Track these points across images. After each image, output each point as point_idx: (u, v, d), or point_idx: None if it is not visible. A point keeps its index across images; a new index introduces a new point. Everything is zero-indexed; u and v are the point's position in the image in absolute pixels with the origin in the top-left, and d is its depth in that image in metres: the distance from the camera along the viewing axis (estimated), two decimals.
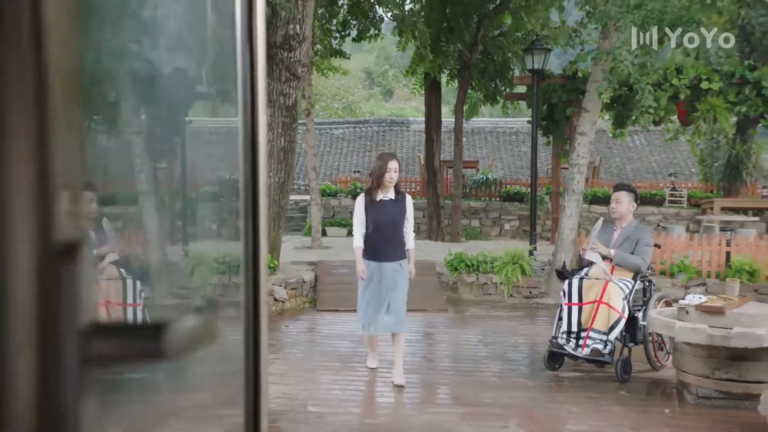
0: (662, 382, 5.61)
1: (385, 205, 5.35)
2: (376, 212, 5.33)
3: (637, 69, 7.75)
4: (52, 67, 0.51)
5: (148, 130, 1.82)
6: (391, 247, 5.34)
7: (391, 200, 5.36)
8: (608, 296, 5.57)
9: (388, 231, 5.32)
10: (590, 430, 4.52)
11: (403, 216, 5.39)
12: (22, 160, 0.49)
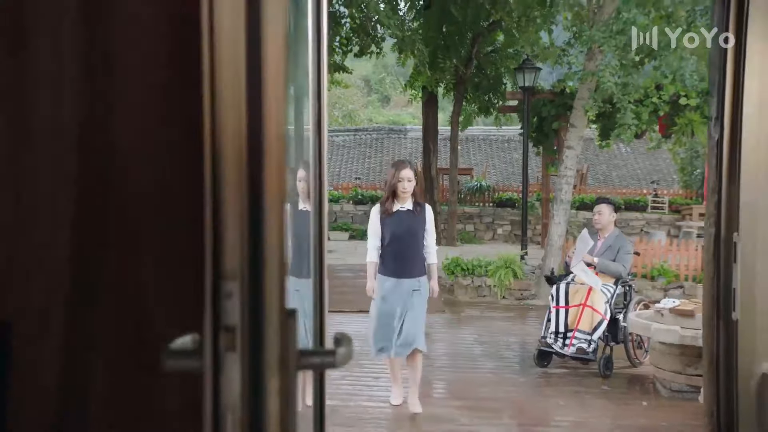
0: (641, 377, 6.19)
1: (401, 217, 4.88)
2: (392, 224, 4.87)
3: (619, 89, 8.37)
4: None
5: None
6: (410, 262, 4.87)
7: (408, 211, 4.90)
8: (592, 300, 6.16)
9: (406, 244, 4.87)
10: (576, 421, 5.07)
11: (422, 228, 4.91)
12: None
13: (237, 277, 0.75)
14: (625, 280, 6.44)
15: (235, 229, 0.74)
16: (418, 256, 4.92)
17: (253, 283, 0.74)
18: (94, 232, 1.11)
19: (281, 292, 0.75)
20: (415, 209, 4.92)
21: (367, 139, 23.03)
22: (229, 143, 0.76)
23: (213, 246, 0.75)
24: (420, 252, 4.93)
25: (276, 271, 0.74)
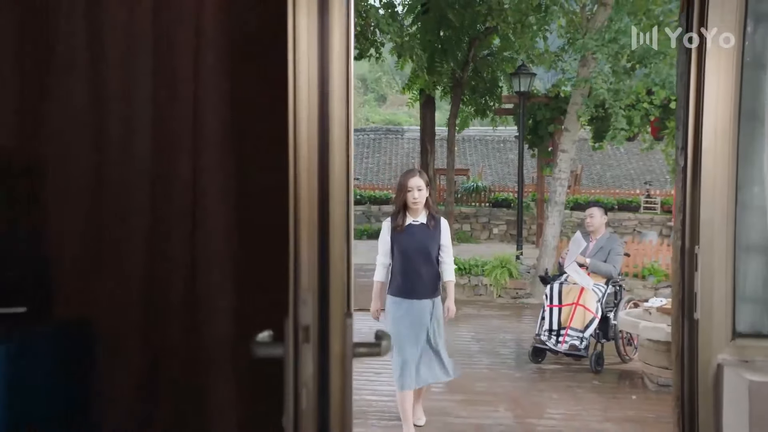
0: (630, 372, 6.49)
1: (414, 232, 4.45)
2: (404, 240, 4.43)
3: (611, 95, 8.67)
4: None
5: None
6: (423, 281, 4.42)
7: (421, 225, 4.46)
8: (584, 299, 6.47)
9: (419, 262, 4.40)
10: (568, 413, 5.36)
11: (436, 243, 4.48)
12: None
13: (310, 289, 1.03)
14: (616, 280, 6.74)
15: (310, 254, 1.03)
16: (433, 274, 4.48)
17: (321, 293, 1.02)
18: (208, 252, 1.44)
19: (342, 300, 1.03)
20: (428, 223, 4.46)
21: (364, 139, 23.32)
22: (305, 191, 1.05)
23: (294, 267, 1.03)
24: (434, 270, 4.49)
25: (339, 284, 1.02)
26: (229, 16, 1.72)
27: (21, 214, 1.64)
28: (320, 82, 1.29)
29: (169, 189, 1.70)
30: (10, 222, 1.62)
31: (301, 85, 1.28)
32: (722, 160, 1.79)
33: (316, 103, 1.18)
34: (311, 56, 1.27)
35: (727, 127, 1.77)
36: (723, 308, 1.80)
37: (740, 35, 1.76)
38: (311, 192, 1.04)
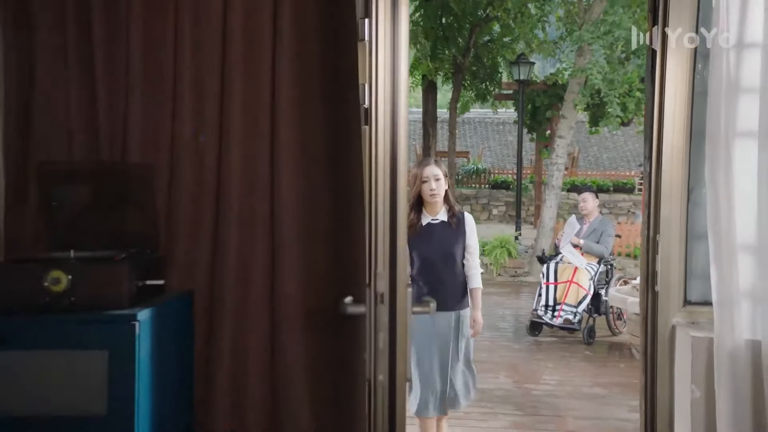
0: (619, 344, 7.08)
1: (434, 232, 3.71)
2: (422, 243, 3.69)
3: (606, 84, 9.18)
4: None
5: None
6: (445, 290, 3.68)
7: (442, 224, 3.72)
8: (578, 277, 7.05)
9: (442, 269, 3.70)
10: (562, 379, 5.94)
11: (461, 245, 3.74)
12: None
13: (384, 267, 1.57)
14: (607, 260, 7.31)
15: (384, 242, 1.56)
16: (458, 281, 3.74)
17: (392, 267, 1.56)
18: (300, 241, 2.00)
19: (404, 275, 1.57)
20: (450, 220, 3.73)
21: None
22: (381, 191, 1.58)
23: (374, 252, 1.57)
24: (460, 276, 3.75)
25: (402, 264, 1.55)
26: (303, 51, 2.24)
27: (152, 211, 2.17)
28: (392, 100, 1.81)
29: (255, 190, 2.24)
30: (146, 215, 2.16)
31: (379, 108, 1.80)
32: (677, 168, 2.31)
33: (389, 125, 1.69)
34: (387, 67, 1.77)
35: (680, 144, 2.30)
36: (677, 283, 2.34)
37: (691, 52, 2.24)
38: (385, 192, 1.58)
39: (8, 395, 1.81)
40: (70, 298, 1.84)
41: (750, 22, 2.12)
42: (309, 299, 2.22)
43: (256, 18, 2.24)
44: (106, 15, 2.23)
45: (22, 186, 2.23)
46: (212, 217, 2.27)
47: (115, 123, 2.25)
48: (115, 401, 1.81)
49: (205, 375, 2.25)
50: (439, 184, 3.68)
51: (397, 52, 1.73)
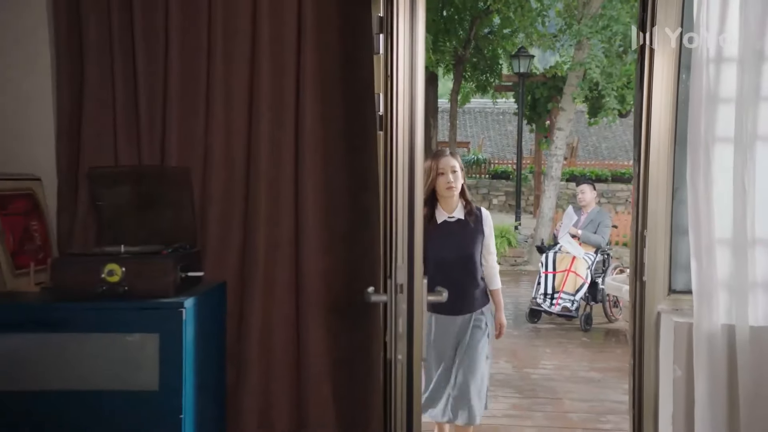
0: (615, 330, 7.35)
1: (450, 231, 3.47)
2: (437, 242, 3.40)
3: (604, 78, 9.41)
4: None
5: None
6: (462, 292, 3.45)
7: (458, 222, 3.48)
8: (575, 266, 7.32)
9: (458, 272, 3.44)
10: (559, 364, 6.20)
11: (479, 245, 3.51)
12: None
13: (403, 261, 1.81)
14: (604, 250, 7.57)
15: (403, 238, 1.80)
16: (475, 283, 3.51)
17: (410, 260, 1.80)
18: (329, 236, 2.27)
19: (420, 268, 1.81)
20: (467, 218, 3.49)
21: None
22: (401, 188, 1.82)
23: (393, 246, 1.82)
24: (477, 279, 3.52)
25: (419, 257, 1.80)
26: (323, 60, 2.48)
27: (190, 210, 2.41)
28: (410, 101, 2.04)
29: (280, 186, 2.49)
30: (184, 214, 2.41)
31: (399, 113, 2.03)
32: (662, 170, 2.55)
33: (407, 129, 1.92)
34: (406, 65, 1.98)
35: (666, 148, 2.54)
36: (662, 273, 2.58)
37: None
38: (403, 193, 1.82)
39: (72, 372, 2.06)
40: (124, 288, 2.09)
41: (727, 40, 2.36)
42: (329, 289, 2.47)
43: (282, 33, 2.47)
44: (145, 32, 2.46)
45: (73, 188, 2.47)
46: (241, 215, 2.51)
47: (154, 129, 2.49)
48: (166, 378, 2.06)
49: (237, 356, 2.50)
50: (456, 177, 3.44)
51: (414, 63, 1.94)
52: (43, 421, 2.07)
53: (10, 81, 2.51)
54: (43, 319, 2.07)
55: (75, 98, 2.49)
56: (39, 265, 2.29)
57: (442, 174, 3.46)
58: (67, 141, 2.48)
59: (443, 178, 3.45)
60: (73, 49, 2.48)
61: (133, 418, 2.06)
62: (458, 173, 3.47)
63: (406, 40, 1.88)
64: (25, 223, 2.31)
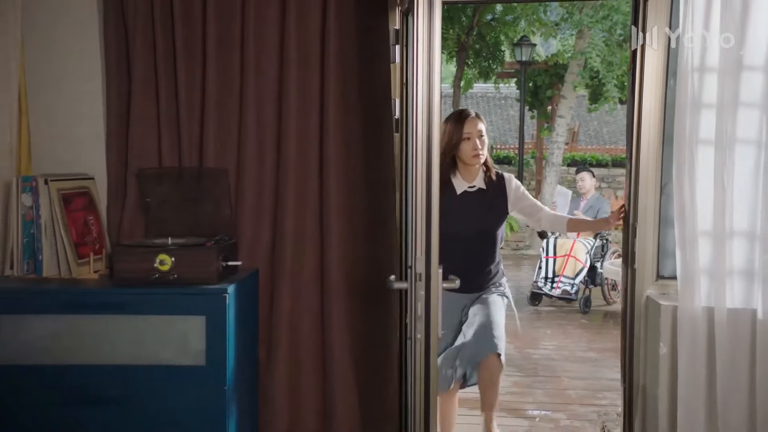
0: (613, 313, 7.62)
1: (469, 203, 3.13)
2: (455, 214, 2.98)
3: (605, 66, 9.64)
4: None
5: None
6: (479, 269, 3.15)
7: (479, 192, 3.14)
8: (575, 251, 7.61)
9: (476, 245, 3.12)
10: (559, 345, 6.48)
11: (502, 217, 3.20)
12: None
13: (422, 253, 2.09)
14: (603, 235, 7.86)
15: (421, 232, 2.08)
16: (492, 258, 3.18)
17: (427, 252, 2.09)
18: (351, 229, 2.55)
19: (437, 257, 2.09)
20: (489, 187, 3.14)
21: None
22: (419, 187, 2.09)
23: (412, 239, 2.10)
24: (496, 253, 3.21)
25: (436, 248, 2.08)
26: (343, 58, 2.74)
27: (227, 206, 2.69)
28: (428, 108, 2.28)
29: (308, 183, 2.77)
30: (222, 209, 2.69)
31: (418, 116, 2.27)
32: (652, 167, 2.82)
33: (425, 130, 2.16)
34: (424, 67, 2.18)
35: (655, 147, 2.80)
36: (651, 261, 2.86)
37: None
38: (422, 192, 2.07)
39: (130, 349, 2.36)
40: (174, 275, 2.37)
41: (709, 51, 2.62)
42: (351, 276, 2.76)
43: (307, 47, 2.73)
44: (185, 47, 2.72)
45: (122, 186, 2.76)
46: (271, 210, 2.79)
47: (192, 133, 2.77)
48: (212, 355, 2.35)
49: (268, 337, 2.79)
50: (484, 143, 3.09)
51: (432, 66, 2.17)
52: (104, 392, 2.36)
53: (67, 93, 2.80)
54: (104, 303, 2.37)
55: (123, 107, 2.76)
56: (95, 255, 2.57)
57: (467, 139, 3.06)
58: (115, 145, 2.76)
59: (468, 144, 3.06)
60: (121, 64, 2.76)
61: (183, 390, 2.36)
62: (485, 138, 3.13)
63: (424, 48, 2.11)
64: (84, 217, 2.59)
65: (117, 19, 2.75)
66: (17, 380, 2.35)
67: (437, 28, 2.10)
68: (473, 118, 3.12)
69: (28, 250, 2.47)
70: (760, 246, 2.61)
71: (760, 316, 2.60)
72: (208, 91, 2.72)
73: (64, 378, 2.35)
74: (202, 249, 2.44)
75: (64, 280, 2.48)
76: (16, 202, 2.43)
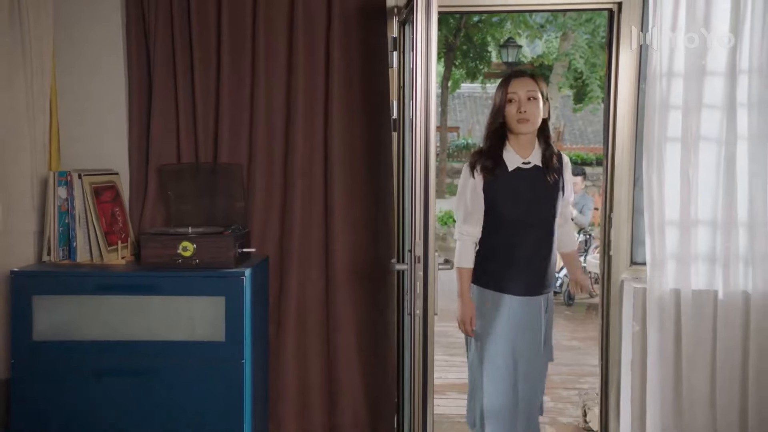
0: (595, 305, 7.86)
1: (524, 180, 2.60)
2: (507, 196, 2.58)
3: (588, 68, 9.96)
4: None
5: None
6: (538, 264, 2.63)
7: (535, 169, 2.61)
8: None
9: (533, 233, 2.61)
10: None
11: (558, 202, 2.65)
12: None
13: (420, 238, 2.36)
14: (587, 230, 8.17)
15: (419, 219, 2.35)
16: (553, 255, 2.71)
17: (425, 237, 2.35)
18: (359, 218, 2.84)
19: (434, 243, 2.36)
20: (546, 162, 2.62)
21: None
22: (418, 180, 2.37)
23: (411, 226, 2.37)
24: (554, 245, 2.68)
25: (431, 236, 2.35)
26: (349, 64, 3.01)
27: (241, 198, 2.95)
28: (425, 110, 2.57)
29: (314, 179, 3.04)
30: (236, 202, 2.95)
31: (417, 116, 2.57)
32: (626, 163, 3.11)
33: (423, 129, 2.43)
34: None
35: (629, 145, 3.09)
36: (626, 248, 3.15)
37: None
38: (420, 184, 2.33)
39: (156, 326, 2.62)
40: (195, 261, 2.64)
41: (676, 58, 2.91)
42: (353, 262, 3.04)
43: (313, 53, 3.00)
44: (201, 53, 2.98)
45: (143, 180, 3.01)
46: (280, 202, 3.06)
47: (208, 131, 3.03)
48: (230, 332, 2.61)
49: (277, 317, 3.05)
50: (533, 106, 2.54)
51: (429, 71, 2.43)
52: (133, 364, 2.63)
53: (93, 97, 3.07)
54: (134, 285, 2.63)
55: (144, 109, 3.03)
56: (122, 243, 2.83)
57: (511, 101, 2.55)
58: (137, 143, 3.03)
59: (512, 106, 2.55)
60: (142, 72, 3.02)
61: (205, 363, 2.62)
62: (538, 102, 2.56)
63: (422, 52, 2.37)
64: (112, 209, 2.84)
65: (138, 33, 3.01)
66: (55, 355, 2.61)
67: (433, 36, 2.37)
68: (523, 78, 2.59)
69: (63, 238, 2.73)
70: (721, 233, 2.90)
71: (721, 296, 2.90)
72: (222, 94, 2.98)
73: (97, 352, 2.61)
74: (221, 236, 2.70)
75: (96, 265, 2.74)
76: (53, 195, 2.69)
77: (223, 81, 2.98)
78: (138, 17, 3.00)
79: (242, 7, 2.96)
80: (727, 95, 2.88)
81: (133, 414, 2.62)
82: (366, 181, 3.06)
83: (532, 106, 2.58)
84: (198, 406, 2.61)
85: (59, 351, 2.61)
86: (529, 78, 2.63)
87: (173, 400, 2.61)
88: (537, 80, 2.64)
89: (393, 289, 3.04)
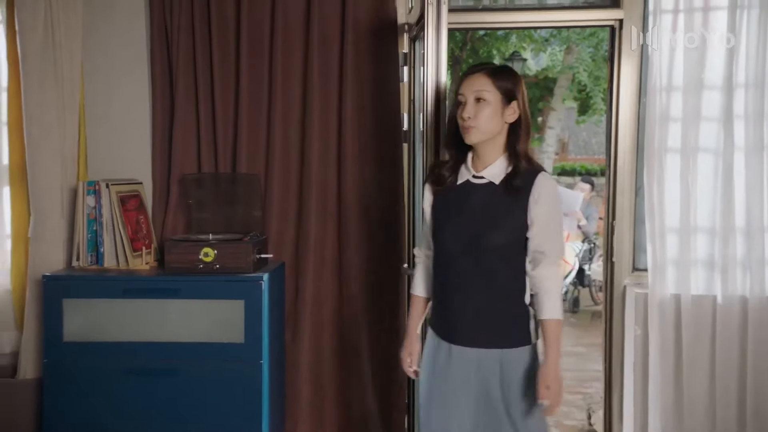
0: (600, 312, 7.97)
1: (468, 198, 2.06)
2: (446, 213, 2.10)
3: (592, 80, 10.10)
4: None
5: None
6: (474, 308, 2.03)
7: (487, 186, 2.05)
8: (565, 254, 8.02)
9: (467, 265, 2.03)
10: None
11: (517, 227, 2.01)
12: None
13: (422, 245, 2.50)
14: (591, 239, 8.27)
15: None
16: (504, 298, 2.05)
17: None
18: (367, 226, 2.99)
19: None
20: (508, 180, 2.03)
21: None
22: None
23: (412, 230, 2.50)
24: (512, 291, 2.04)
25: None
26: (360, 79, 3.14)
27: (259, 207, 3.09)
28: (434, 121, 2.70)
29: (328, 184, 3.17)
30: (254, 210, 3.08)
31: (426, 130, 2.70)
32: (628, 173, 3.24)
33: (432, 141, 2.59)
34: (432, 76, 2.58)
35: (630, 156, 3.22)
36: (628, 255, 3.27)
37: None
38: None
39: (179, 328, 2.75)
40: (216, 266, 2.77)
41: (675, 73, 3.04)
42: (365, 266, 3.17)
43: (328, 67, 3.14)
44: (221, 68, 3.13)
45: (165, 190, 3.15)
46: (296, 209, 3.19)
47: (227, 143, 3.17)
48: (249, 333, 2.74)
49: (293, 321, 3.18)
50: (481, 109, 1.99)
51: (438, 84, 2.57)
52: (157, 365, 2.76)
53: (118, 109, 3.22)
54: (158, 288, 2.76)
55: (166, 122, 3.17)
56: (146, 249, 2.97)
57: (461, 104, 2.03)
58: (159, 155, 3.17)
59: (461, 110, 2.02)
60: (165, 88, 3.17)
61: (225, 364, 2.75)
62: (489, 103, 1.99)
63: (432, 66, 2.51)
64: (136, 217, 2.98)
65: (162, 55, 3.16)
66: (83, 355, 2.75)
67: (443, 52, 2.51)
68: (474, 75, 2.04)
69: (92, 244, 2.87)
70: (719, 240, 3.02)
71: (720, 301, 3.01)
72: (241, 109, 3.12)
73: (123, 353, 2.75)
74: (240, 243, 2.83)
75: (122, 270, 2.88)
76: (82, 203, 2.83)
77: (241, 97, 3.12)
78: (162, 43, 3.15)
79: (261, 28, 3.10)
80: (724, 108, 3.00)
81: (157, 411, 2.75)
82: (377, 189, 3.19)
83: (479, 109, 1.99)
84: (218, 404, 2.74)
85: (87, 351, 2.75)
86: (483, 74, 2.03)
87: (195, 398, 2.74)
88: (499, 75, 2.03)
89: (404, 293, 3.17)
